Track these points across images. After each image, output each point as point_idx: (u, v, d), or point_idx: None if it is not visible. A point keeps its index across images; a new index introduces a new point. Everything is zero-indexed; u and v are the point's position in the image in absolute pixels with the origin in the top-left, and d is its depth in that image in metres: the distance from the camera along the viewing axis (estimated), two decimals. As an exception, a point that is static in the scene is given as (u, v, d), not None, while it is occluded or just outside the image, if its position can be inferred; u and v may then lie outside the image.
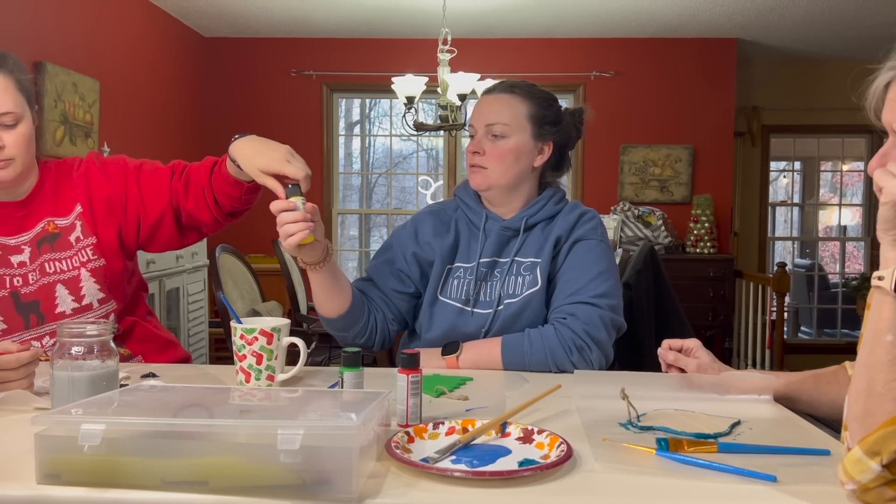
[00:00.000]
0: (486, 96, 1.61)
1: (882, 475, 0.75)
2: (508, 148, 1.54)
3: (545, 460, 0.89)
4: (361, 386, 1.12)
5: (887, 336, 0.80)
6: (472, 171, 1.58)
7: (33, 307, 1.51)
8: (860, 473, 0.76)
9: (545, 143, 1.59)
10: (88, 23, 4.00)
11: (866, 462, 0.76)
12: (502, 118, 1.55)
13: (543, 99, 1.60)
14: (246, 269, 3.48)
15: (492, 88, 1.62)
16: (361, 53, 5.63)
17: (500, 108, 1.56)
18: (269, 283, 4.24)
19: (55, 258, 1.52)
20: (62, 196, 1.56)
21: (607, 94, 5.58)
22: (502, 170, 1.55)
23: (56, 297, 1.51)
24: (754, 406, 1.18)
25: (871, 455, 0.75)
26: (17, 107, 1.44)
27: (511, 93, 1.57)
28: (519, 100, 1.57)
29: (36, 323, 1.52)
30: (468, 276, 1.56)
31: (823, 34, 5.33)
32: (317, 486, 0.78)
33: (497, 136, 1.55)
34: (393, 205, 6.31)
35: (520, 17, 5.06)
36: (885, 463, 0.74)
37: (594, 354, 1.44)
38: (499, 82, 1.63)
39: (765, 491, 0.82)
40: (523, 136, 1.56)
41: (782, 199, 7.12)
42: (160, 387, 1.11)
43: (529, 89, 1.59)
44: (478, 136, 1.57)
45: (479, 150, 1.56)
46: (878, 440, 0.76)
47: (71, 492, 0.79)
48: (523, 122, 1.56)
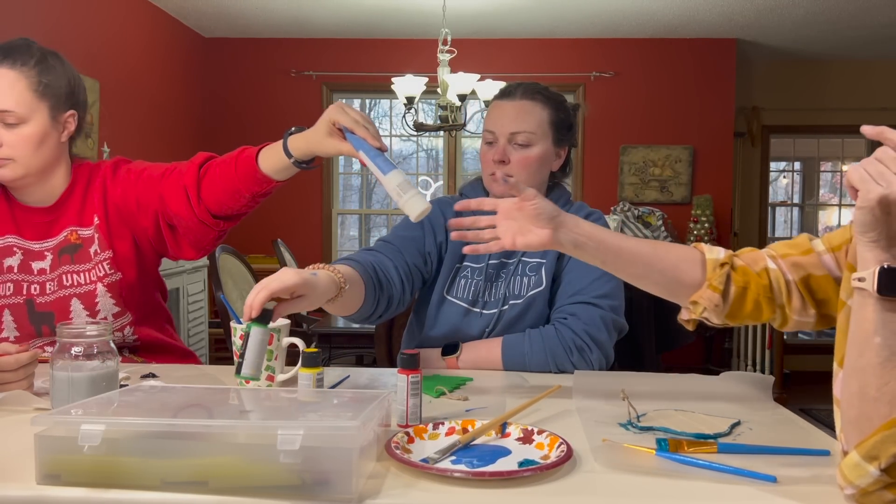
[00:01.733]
0: (506, 102, 1.56)
1: (881, 479, 0.75)
2: (535, 156, 1.53)
3: (545, 461, 0.89)
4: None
5: (875, 338, 0.78)
6: (495, 180, 1.55)
7: (47, 318, 1.49)
8: (859, 478, 0.76)
9: (562, 147, 1.59)
10: (88, 23, 4.00)
11: (864, 466, 0.75)
12: (528, 126, 1.52)
13: (560, 104, 1.58)
14: (246, 269, 3.48)
15: (510, 93, 1.57)
16: (361, 54, 5.63)
17: (524, 117, 1.53)
18: (269, 283, 4.24)
19: (73, 270, 1.49)
20: (87, 204, 1.51)
21: (607, 94, 5.59)
22: (528, 178, 1.53)
23: (71, 310, 1.49)
24: (754, 406, 1.18)
25: (870, 459, 0.75)
26: (19, 106, 1.38)
27: (532, 99, 1.54)
28: (540, 106, 1.54)
29: (48, 333, 1.50)
30: (476, 276, 1.56)
31: (823, 34, 5.33)
32: (317, 486, 0.78)
33: (522, 145, 1.52)
34: (393, 205, 6.31)
35: (519, 17, 5.06)
36: (883, 467, 0.74)
37: (594, 355, 1.43)
38: (516, 85, 1.59)
39: (765, 491, 0.82)
40: (546, 144, 1.54)
41: (782, 200, 7.12)
42: (160, 387, 1.11)
43: (547, 93, 1.57)
44: (500, 144, 1.53)
45: (505, 158, 1.52)
46: (875, 444, 0.75)
47: (71, 492, 0.79)
48: (546, 130, 1.54)
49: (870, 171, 0.77)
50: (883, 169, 0.77)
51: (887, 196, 0.76)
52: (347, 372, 1.41)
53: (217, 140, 5.62)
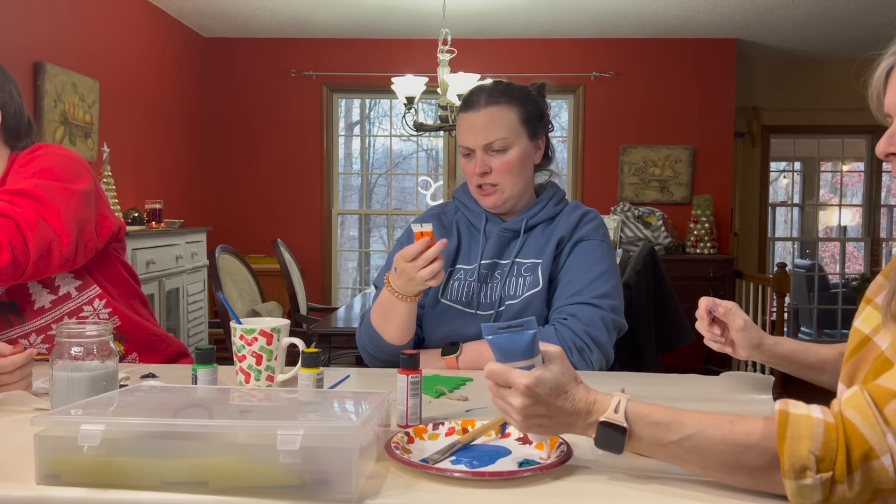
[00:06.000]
0: (471, 113, 1.53)
1: (825, 480, 0.72)
2: (513, 159, 1.52)
3: (545, 461, 0.89)
4: (216, 382, 1.15)
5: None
6: (483, 193, 1.54)
7: (10, 307, 1.49)
8: (811, 497, 0.72)
9: (539, 139, 1.58)
10: (88, 23, 4.00)
11: (804, 484, 0.72)
12: (500, 133, 1.50)
13: (525, 97, 1.55)
14: (246, 269, 3.48)
15: (472, 103, 1.54)
16: (361, 53, 5.63)
17: (494, 124, 1.51)
18: (269, 283, 4.25)
19: None
20: None
21: (607, 94, 5.59)
22: (512, 181, 1.53)
23: (31, 293, 1.49)
24: (754, 407, 1.18)
25: (801, 475, 0.72)
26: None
27: (497, 104, 1.52)
28: (507, 108, 1.52)
29: (17, 322, 1.50)
30: (468, 277, 1.55)
31: (823, 34, 5.33)
32: (316, 486, 0.78)
33: (499, 151, 1.51)
34: (393, 205, 6.31)
35: (519, 17, 5.06)
36: (817, 469, 0.72)
37: (594, 355, 1.43)
38: (475, 93, 1.55)
39: (764, 491, 0.81)
40: (522, 143, 1.53)
41: (782, 200, 7.13)
42: (160, 387, 1.11)
43: (510, 92, 1.54)
44: (477, 156, 1.52)
45: (486, 168, 1.52)
46: (792, 461, 0.73)
47: (71, 492, 0.79)
48: (519, 129, 1.53)
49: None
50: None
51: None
52: (347, 372, 1.41)
53: (217, 140, 5.62)
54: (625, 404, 0.82)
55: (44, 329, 1.51)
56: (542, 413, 0.84)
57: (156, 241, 3.88)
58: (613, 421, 0.81)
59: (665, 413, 0.82)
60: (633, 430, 0.81)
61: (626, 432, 0.81)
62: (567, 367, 0.86)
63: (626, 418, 0.81)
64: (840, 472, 0.72)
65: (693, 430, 0.80)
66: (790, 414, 0.75)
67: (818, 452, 0.72)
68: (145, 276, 3.69)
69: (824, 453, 0.72)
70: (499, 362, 0.86)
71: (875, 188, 6.36)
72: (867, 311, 0.93)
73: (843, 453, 0.72)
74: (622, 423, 0.81)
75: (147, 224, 4.03)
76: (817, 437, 0.73)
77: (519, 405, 0.83)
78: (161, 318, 3.87)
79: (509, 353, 0.86)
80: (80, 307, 1.53)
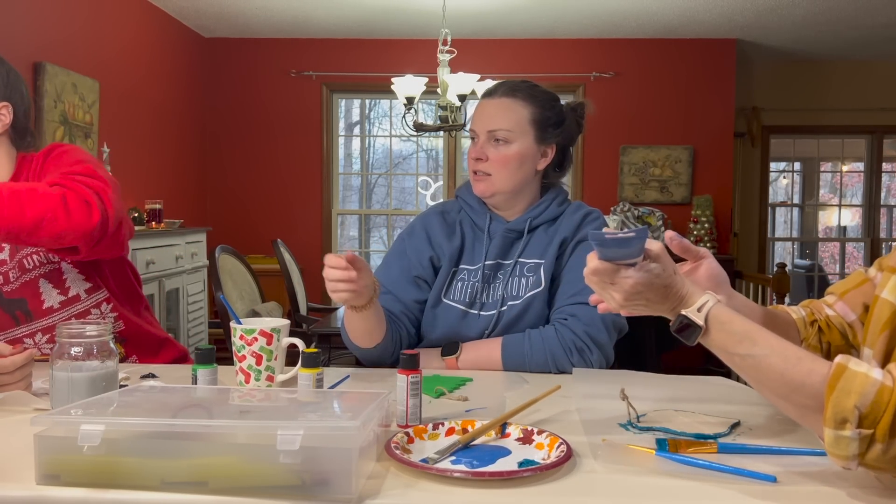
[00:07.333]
0: (487, 100, 1.57)
1: (864, 436, 0.75)
2: (512, 154, 1.52)
3: (545, 461, 0.89)
4: (216, 382, 1.15)
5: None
6: (475, 179, 1.56)
7: (19, 304, 1.50)
8: (846, 449, 0.76)
9: (548, 145, 1.56)
10: (88, 23, 4.00)
11: (842, 435, 0.76)
12: (505, 124, 1.52)
13: (546, 101, 1.56)
14: (246, 269, 3.48)
15: (493, 91, 1.58)
16: (361, 54, 5.63)
17: (502, 114, 1.53)
18: (269, 283, 4.25)
19: (34, 252, 1.49)
20: None
21: (607, 94, 5.59)
22: (506, 176, 1.53)
23: (41, 292, 1.50)
24: (754, 406, 1.18)
25: (841, 426, 0.76)
26: None
27: (513, 97, 1.54)
28: (521, 104, 1.53)
29: (24, 320, 1.51)
30: (472, 278, 1.55)
31: (823, 35, 5.34)
32: (316, 486, 0.78)
33: (500, 142, 1.52)
34: (393, 205, 6.31)
35: (519, 17, 5.06)
36: (857, 424, 0.75)
37: (595, 356, 1.43)
38: (499, 83, 1.59)
39: (765, 491, 0.82)
40: (526, 142, 1.53)
41: (782, 200, 7.12)
42: (160, 387, 1.11)
43: (531, 91, 1.56)
44: (480, 141, 1.55)
45: (482, 156, 1.53)
46: (834, 410, 0.76)
47: (70, 492, 0.79)
48: (526, 128, 1.53)
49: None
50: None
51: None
52: (347, 372, 1.41)
53: (217, 140, 5.62)
54: (709, 307, 0.89)
55: (50, 329, 1.52)
56: (640, 304, 0.93)
57: (156, 242, 3.88)
58: (692, 317, 0.89)
59: (743, 326, 0.88)
60: (709, 330, 0.88)
61: (700, 330, 0.88)
62: (667, 264, 0.92)
63: (706, 319, 0.88)
64: (881, 433, 0.75)
65: (760, 351, 0.84)
66: (847, 368, 0.78)
67: (864, 409, 0.75)
68: (145, 276, 3.69)
69: (870, 411, 0.75)
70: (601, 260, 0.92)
71: (875, 188, 6.36)
72: (893, 280, 0.94)
73: (891, 416, 0.74)
74: (699, 322, 0.88)
75: (147, 224, 4.03)
76: (867, 394, 0.75)
77: (620, 300, 0.92)
78: (161, 319, 3.87)
79: (617, 256, 0.91)
80: (87, 310, 1.54)
